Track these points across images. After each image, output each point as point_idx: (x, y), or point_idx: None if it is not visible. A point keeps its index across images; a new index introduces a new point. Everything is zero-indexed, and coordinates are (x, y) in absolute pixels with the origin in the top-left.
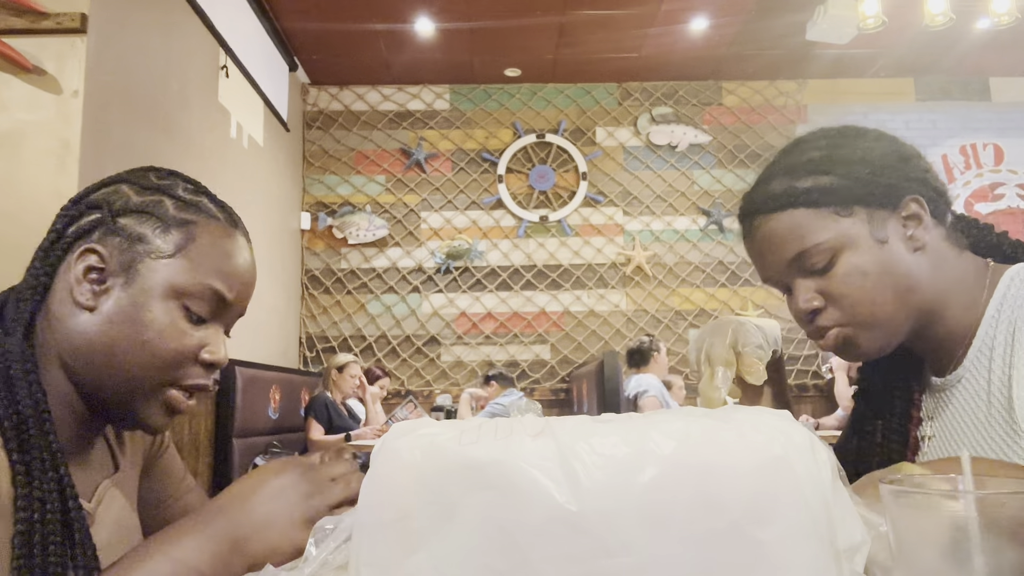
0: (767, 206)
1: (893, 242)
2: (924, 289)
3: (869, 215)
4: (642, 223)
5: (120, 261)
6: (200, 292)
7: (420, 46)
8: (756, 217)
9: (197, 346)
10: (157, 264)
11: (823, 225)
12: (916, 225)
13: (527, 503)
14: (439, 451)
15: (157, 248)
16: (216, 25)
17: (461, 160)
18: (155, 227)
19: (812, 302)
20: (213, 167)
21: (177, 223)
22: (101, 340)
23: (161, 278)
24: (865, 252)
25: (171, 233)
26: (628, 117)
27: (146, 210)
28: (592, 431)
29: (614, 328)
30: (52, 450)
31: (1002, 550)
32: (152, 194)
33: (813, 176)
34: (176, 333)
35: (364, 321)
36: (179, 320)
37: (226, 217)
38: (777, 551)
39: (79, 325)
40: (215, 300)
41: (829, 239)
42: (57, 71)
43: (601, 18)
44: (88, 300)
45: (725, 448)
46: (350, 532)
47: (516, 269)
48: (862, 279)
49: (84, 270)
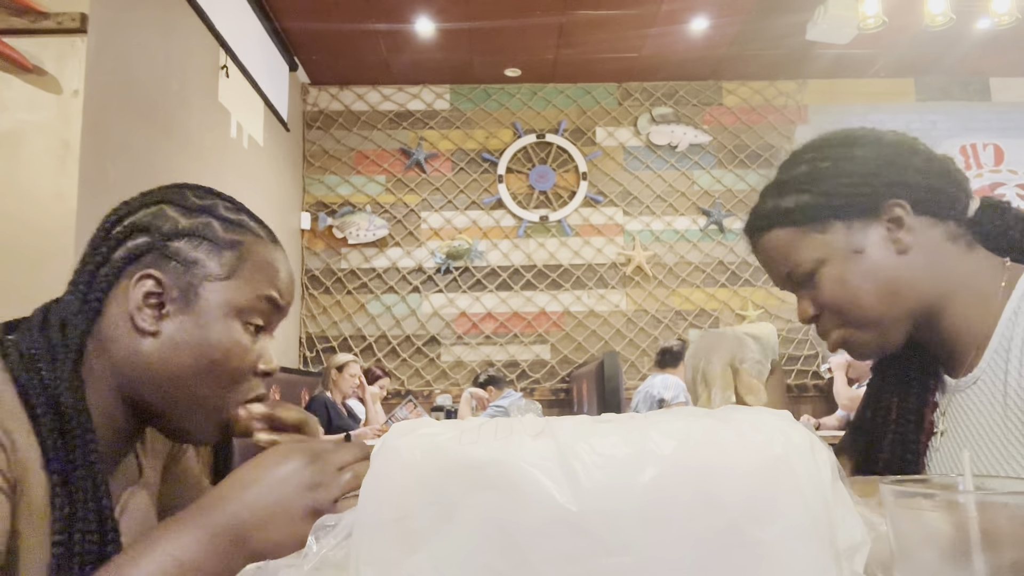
0: (759, 225)
1: (872, 249)
2: (917, 289)
3: (847, 226)
4: (642, 223)
5: (178, 286)
6: (257, 306)
7: (420, 46)
8: (753, 235)
9: (256, 360)
10: (215, 286)
11: (803, 243)
12: (899, 228)
13: (527, 503)
14: (439, 451)
15: (213, 272)
16: (216, 25)
17: (461, 160)
18: (208, 251)
19: (807, 311)
20: (213, 167)
21: (227, 244)
22: (167, 364)
23: (221, 299)
24: (840, 263)
25: (223, 255)
26: (628, 117)
27: (196, 233)
28: (592, 431)
29: (614, 328)
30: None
31: (1002, 550)
32: (198, 216)
33: (796, 194)
34: (240, 351)
35: (364, 321)
36: (242, 337)
37: (267, 233)
38: (777, 551)
39: (141, 351)
40: (270, 309)
41: (808, 256)
42: (57, 71)
43: (601, 18)
44: (150, 325)
45: (725, 448)
46: (351, 529)
47: (516, 269)
48: (841, 288)
49: (144, 296)
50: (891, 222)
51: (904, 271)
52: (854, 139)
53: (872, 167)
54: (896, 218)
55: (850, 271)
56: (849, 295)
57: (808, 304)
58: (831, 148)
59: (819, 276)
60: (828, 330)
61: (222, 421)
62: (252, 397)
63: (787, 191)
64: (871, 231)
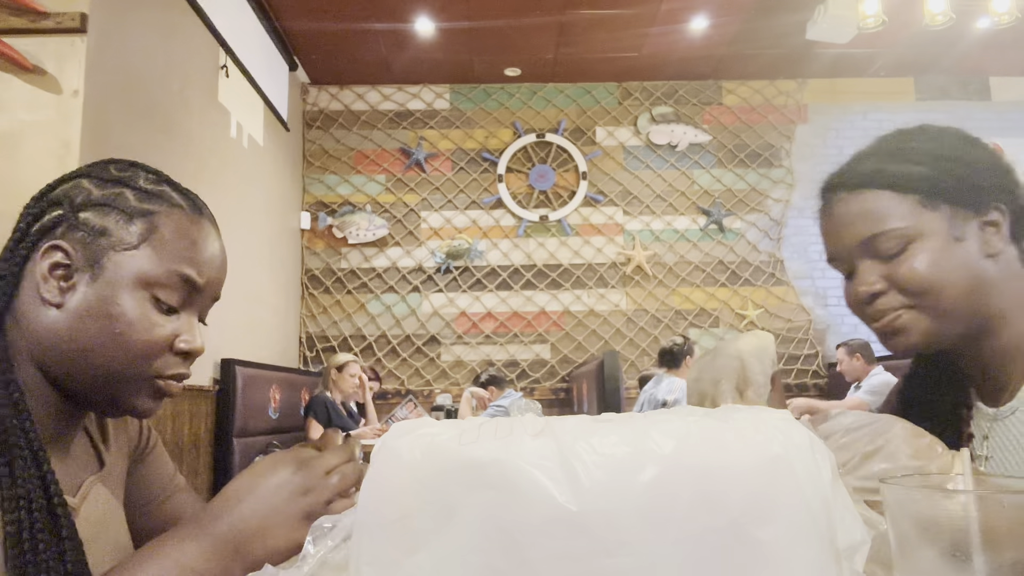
0: (854, 182)
1: (969, 242)
2: (988, 295)
3: (952, 212)
4: (642, 223)
5: (85, 256)
6: (169, 280)
7: (420, 46)
8: (839, 191)
9: (170, 336)
10: (122, 256)
11: (904, 211)
12: (994, 232)
13: (527, 503)
14: (439, 451)
15: (121, 240)
16: (216, 25)
17: (461, 160)
18: (117, 219)
19: (875, 285)
20: (213, 167)
21: (139, 213)
22: (71, 336)
23: (127, 270)
24: (940, 245)
25: (134, 224)
26: (628, 116)
27: (107, 203)
28: (592, 430)
29: (614, 328)
30: (34, 448)
31: (1002, 550)
32: (113, 186)
33: (910, 164)
34: (147, 324)
35: (364, 321)
36: (149, 311)
37: (190, 204)
38: (777, 550)
39: (48, 323)
40: (185, 287)
41: (907, 226)
42: (57, 71)
43: (601, 17)
44: (55, 297)
45: (725, 447)
46: (349, 531)
47: (516, 269)
48: (932, 269)
49: (49, 267)
50: (989, 224)
51: (985, 272)
52: (966, 135)
53: (987, 166)
54: (994, 221)
55: (944, 256)
56: (938, 278)
57: (876, 277)
58: (944, 136)
59: (910, 251)
60: (889, 309)
61: (147, 393)
62: (170, 374)
63: (899, 159)
64: (970, 226)
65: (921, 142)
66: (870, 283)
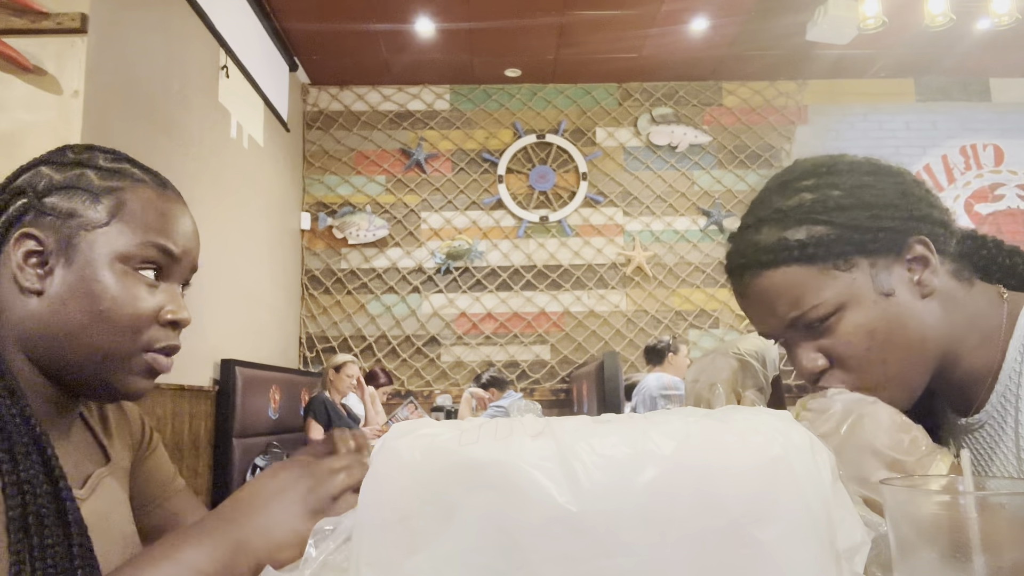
0: (757, 261)
1: (899, 292)
2: (937, 336)
3: (872, 264)
4: (642, 223)
5: (57, 240)
6: (145, 252)
7: (420, 46)
8: (746, 274)
9: (156, 308)
10: (94, 235)
11: (822, 282)
12: (923, 268)
13: (527, 503)
14: (439, 451)
15: (90, 219)
16: (216, 25)
17: (461, 160)
18: (83, 199)
19: (816, 362)
20: (213, 167)
21: (105, 191)
22: (57, 321)
23: (102, 247)
24: (870, 308)
25: (101, 202)
26: (628, 117)
27: (71, 185)
28: (592, 431)
29: (614, 328)
30: (34, 433)
31: (1001, 551)
32: (73, 169)
33: (806, 225)
34: (130, 298)
35: (364, 321)
36: (131, 285)
37: (153, 178)
38: (777, 551)
39: (30, 311)
40: (162, 258)
41: (829, 298)
42: (57, 71)
43: (601, 18)
44: (34, 284)
45: (725, 448)
46: (350, 533)
47: (516, 269)
48: (868, 339)
49: (24, 256)
50: (914, 261)
51: (927, 317)
52: (858, 166)
53: (889, 198)
54: (920, 257)
55: (879, 318)
56: (876, 348)
57: (815, 354)
58: (837, 174)
59: (839, 322)
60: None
61: (137, 370)
62: (162, 347)
63: (793, 222)
64: (895, 271)
65: (814, 191)
66: (811, 361)
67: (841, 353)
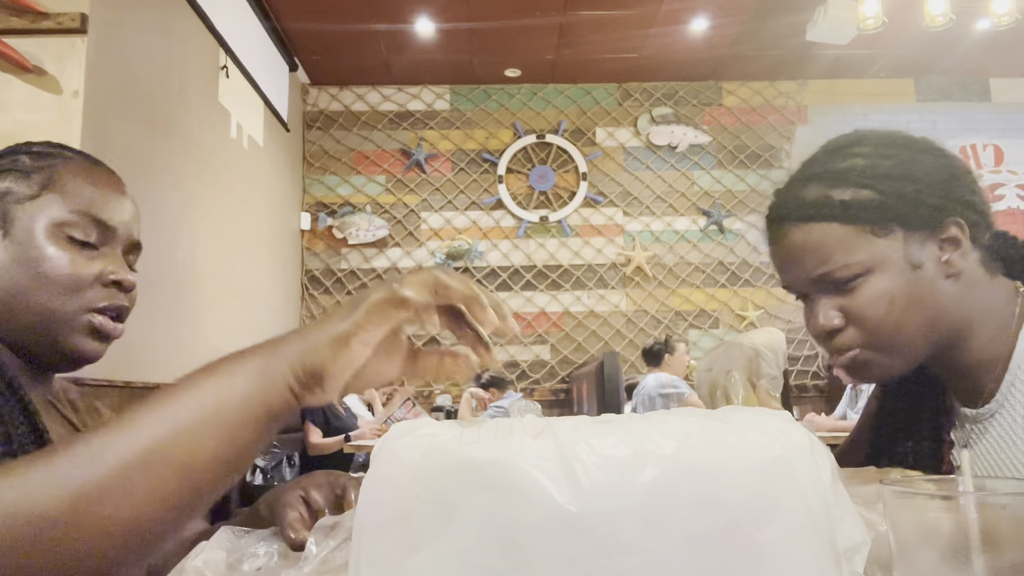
0: (799, 214)
1: (927, 267)
2: (950, 316)
3: (906, 236)
4: (642, 224)
5: None
6: (79, 220)
7: (420, 46)
8: (784, 224)
9: (98, 271)
10: (28, 205)
11: (856, 243)
12: (953, 250)
13: (527, 503)
14: (439, 451)
15: (22, 193)
16: (216, 25)
17: (461, 160)
18: (16, 178)
19: (832, 320)
20: (213, 167)
21: (36, 168)
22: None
23: (37, 217)
24: (896, 276)
25: (32, 178)
26: (628, 117)
27: (3, 168)
28: (592, 431)
29: (614, 329)
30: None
31: (1002, 551)
32: (7, 155)
33: (853, 188)
34: (68, 261)
35: None
36: (68, 248)
37: (84, 157)
38: (777, 552)
39: None
40: (96, 225)
41: (861, 259)
42: (57, 71)
43: (601, 18)
44: None
45: (725, 449)
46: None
47: (516, 269)
48: (889, 304)
49: None
50: (947, 242)
51: (945, 297)
52: (914, 142)
53: (938, 177)
54: (953, 238)
55: (903, 287)
56: (895, 313)
57: (832, 312)
58: (893, 147)
59: (863, 285)
60: (845, 346)
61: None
62: (103, 306)
63: (841, 182)
64: (927, 247)
65: (867, 158)
66: (827, 318)
67: (860, 314)
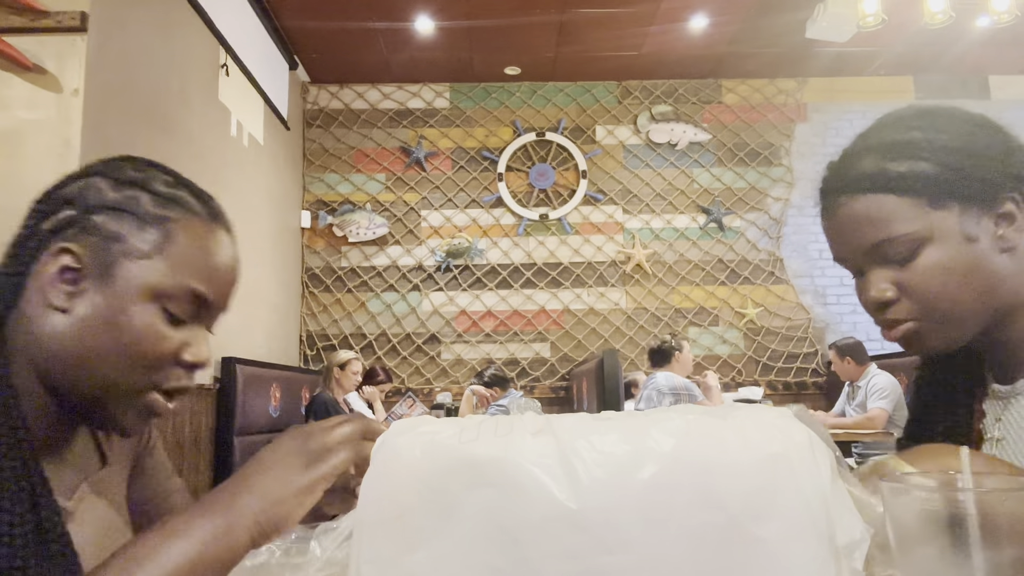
0: (855, 186)
1: (982, 241)
2: (1004, 289)
3: (963, 209)
4: (642, 221)
5: (96, 262)
6: (180, 294)
7: (420, 44)
8: (841, 195)
9: (178, 348)
10: (134, 265)
11: (912, 214)
12: (1008, 225)
13: (527, 500)
14: (439, 449)
15: (134, 248)
16: (216, 24)
17: (461, 158)
18: (132, 225)
19: (886, 293)
20: (213, 166)
21: (154, 220)
22: (74, 343)
23: (138, 280)
24: (952, 248)
25: (148, 231)
26: (628, 115)
27: (122, 207)
28: (592, 429)
29: (614, 326)
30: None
31: (1001, 547)
32: (128, 188)
33: (909, 160)
34: (155, 336)
35: (364, 319)
36: (158, 323)
37: (207, 211)
38: (776, 548)
39: (52, 327)
40: (195, 302)
41: (917, 230)
42: (57, 69)
43: (601, 16)
44: (62, 302)
45: (724, 445)
46: (351, 530)
47: (516, 267)
48: (945, 276)
49: (59, 270)
50: (1002, 217)
51: (1001, 270)
52: (971, 117)
53: (995, 152)
54: (1008, 214)
55: (958, 259)
56: (951, 285)
57: (887, 284)
58: (950, 121)
59: (922, 255)
60: (899, 319)
61: (140, 408)
62: (170, 387)
63: (902, 155)
64: (982, 221)
65: (924, 132)
66: (881, 291)
67: (916, 285)
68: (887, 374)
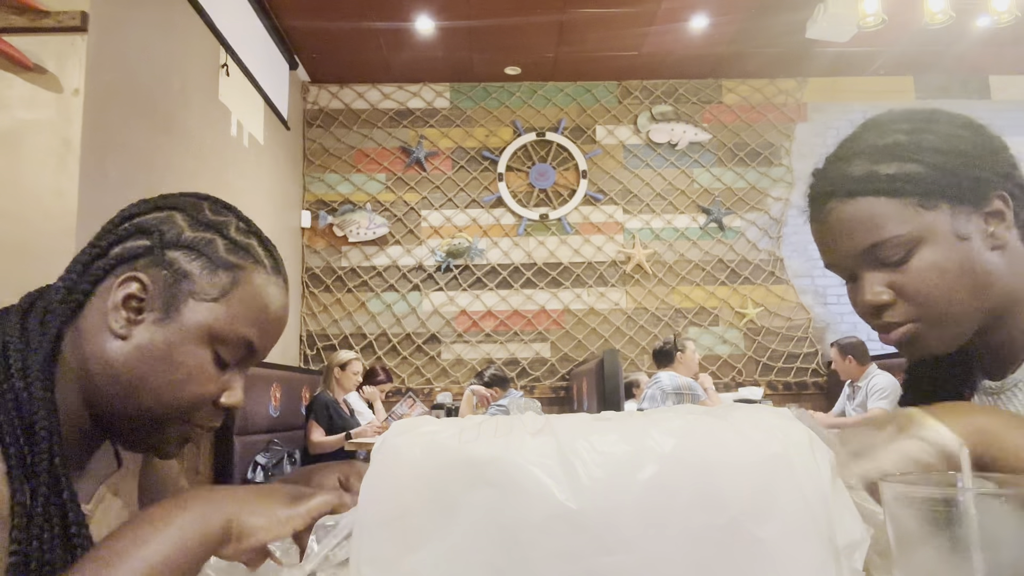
0: (845, 190)
1: (974, 239)
2: (998, 287)
3: (953, 209)
4: (642, 221)
5: (162, 296)
6: (234, 340)
7: (420, 44)
8: (830, 200)
9: (218, 391)
10: (199, 306)
11: (904, 216)
12: (999, 223)
13: (527, 501)
14: (439, 449)
15: (202, 289)
16: (216, 23)
17: (461, 158)
18: (203, 267)
19: (881, 296)
20: (213, 165)
21: (226, 265)
22: (127, 371)
23: (200, 321)
24: (945, 248)
25: (218, 275)
26: (628, 115)
27: (197, 247)
28: (592, 429)
29: (614, 326)
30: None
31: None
32: (206, 230)
33: (898, 162)
34: (203, 377)
35: (364, 319)
36: (208, 365)
37: (272, 264)
38: (776, 548)
39: (107, 351)
40: (245, 349)
41: (909, 232)
42: (58, 69)
43: (601, 16)
44: (122, 328)
45: (724, 446)
46: (351, 529)
47: (516, 267)
48: (939, 276)
49: (124, 297)
50: (992, 215)
51: (992, 268)
52: (956, 118)
53: (980, 151)
54: (998, 212)
55: (952, 259)
56: (947, 285)
57: (881, 288)
58: (934, 123)
59: (915, 256)
60: (893, 324)
61: (176, 438)
62: (202, 424)
63: (890, 157)
64: (972, 220)
65: (910, 134)
66: (876, 294)
67: (911, 287)
68: (887, 374)
